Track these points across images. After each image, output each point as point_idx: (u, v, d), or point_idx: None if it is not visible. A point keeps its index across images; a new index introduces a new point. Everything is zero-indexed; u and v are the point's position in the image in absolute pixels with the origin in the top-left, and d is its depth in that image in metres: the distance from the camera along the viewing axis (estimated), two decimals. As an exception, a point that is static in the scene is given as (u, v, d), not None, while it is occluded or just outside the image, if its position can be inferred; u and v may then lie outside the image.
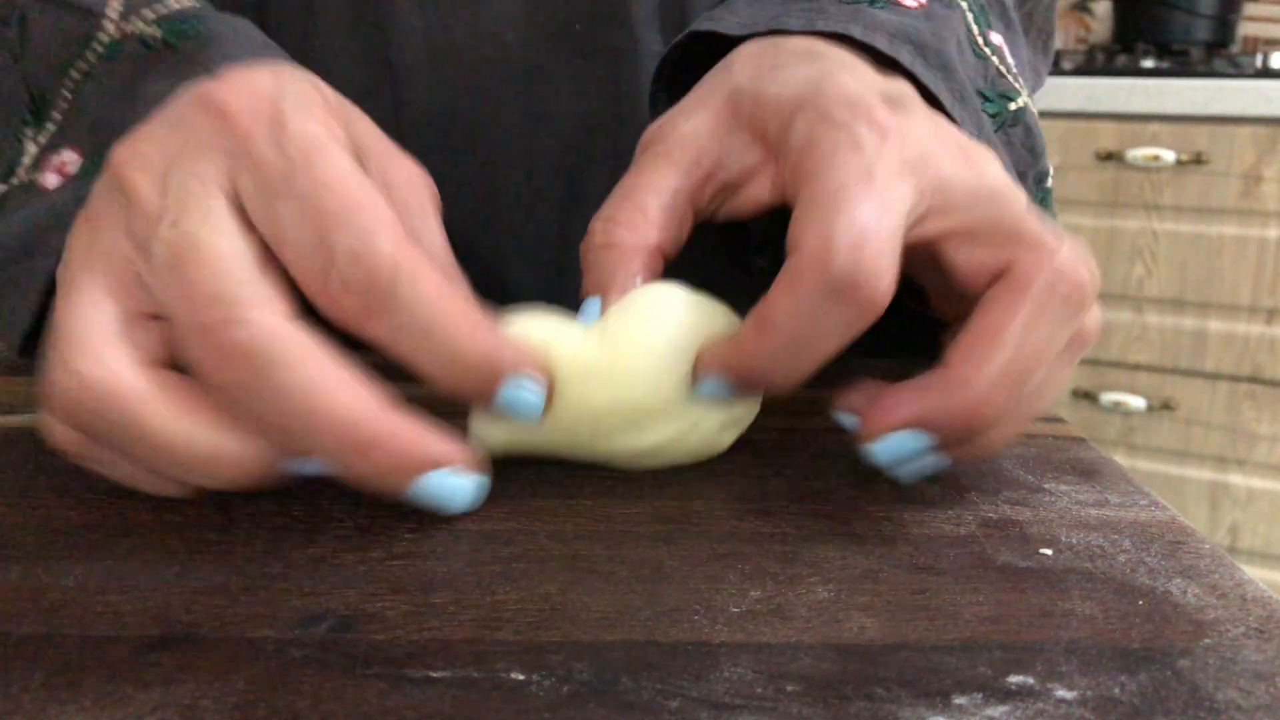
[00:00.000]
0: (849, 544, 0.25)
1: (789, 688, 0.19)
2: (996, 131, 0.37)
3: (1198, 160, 1.46)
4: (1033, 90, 0.50)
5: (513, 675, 0.19)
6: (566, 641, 0.20)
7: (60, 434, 0.25)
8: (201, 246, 0.24)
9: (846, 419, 0.29)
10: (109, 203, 0.25)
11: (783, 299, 0.26)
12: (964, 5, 0.38)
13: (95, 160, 0.34)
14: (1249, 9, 1.76)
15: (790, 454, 0.31)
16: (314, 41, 0.43)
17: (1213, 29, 1.65)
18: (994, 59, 0.38)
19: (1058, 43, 2.00)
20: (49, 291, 0.33)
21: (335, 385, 0.23)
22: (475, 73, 0.43)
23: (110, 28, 0.36)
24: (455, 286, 0.25)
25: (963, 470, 0.30)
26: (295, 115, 0.25)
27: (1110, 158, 1.51)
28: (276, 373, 0.23)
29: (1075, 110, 1.52)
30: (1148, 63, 1.60)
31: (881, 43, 0.33)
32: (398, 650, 0.20)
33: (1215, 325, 1.50)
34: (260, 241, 0.24)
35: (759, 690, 0.19)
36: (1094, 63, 1.65)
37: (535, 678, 0.19)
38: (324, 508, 0.26)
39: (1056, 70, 1.64)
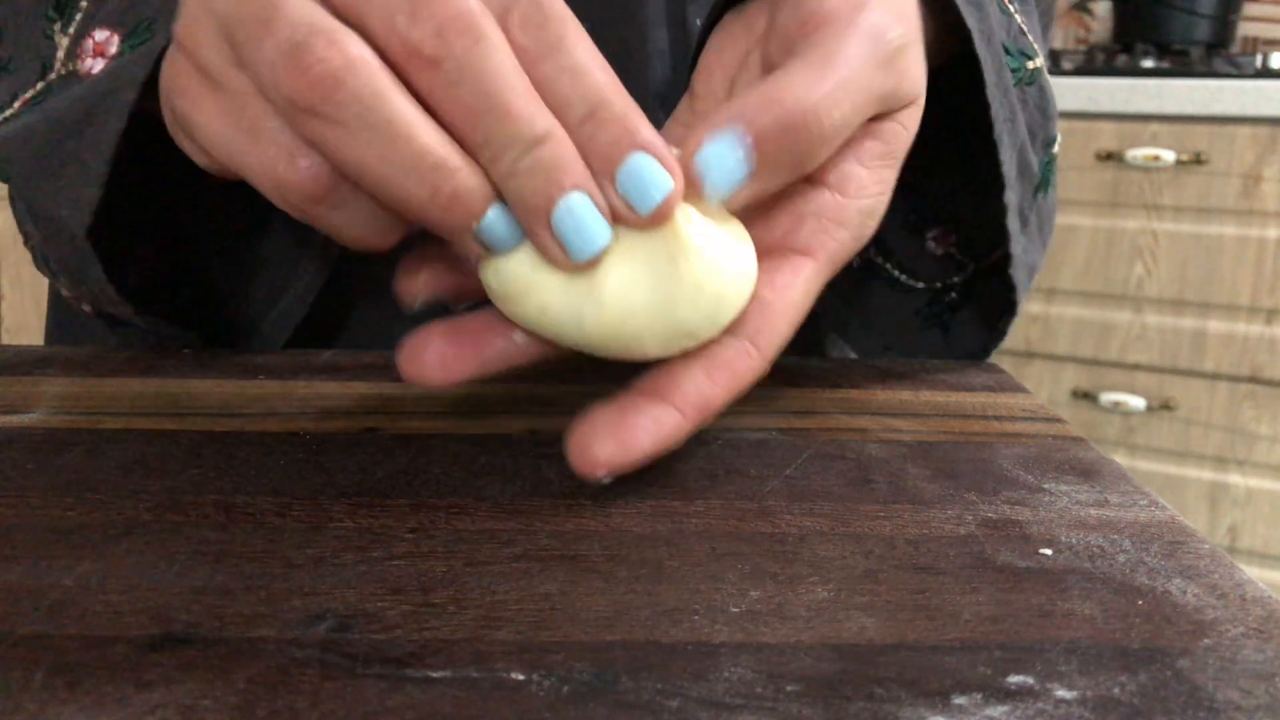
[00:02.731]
0: (849, 544, 0.25)
1: (789, 688, 0.19)
2: (1017, 86, 0.37)
3: (1197, 160, 1.46)
4: None
5: (513, 675, 0.19)
6: (566, 641, 0.20)
7: (300, 169, 0.26)
8: None
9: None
10: None
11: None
12: None
13: (137, 35, 0.34)
14: (1249, 9, 1.76)
15: (790, 454, 0.31)
16: None
17: (1212, 29, 1.65)
18: (1018, 17, 0.39)
19: (1057, 43, 2.01)
20: (118, 162, 0.33)
21: (526, 85, 0.25)
22: None
23: None
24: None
25: (963, 470, 0.30)
26: None
27: (1110, 158, 1.51)
28: (485, 45, 0.24)
29: (1075, 110, 1.52)
30: (1147, 63, 1.61)
31: None
32: (398, 650, 0.20)
33: (1215, 325, 1.50)
34: None
35: (759, 690, 0.19)
36: (1094, 63, 1.65)
37: (535, 678, 0.19)
38: (324, 507, 0.26)
39: (1056, 70, 1.64)
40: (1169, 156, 1.48)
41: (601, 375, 0.38)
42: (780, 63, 0.29)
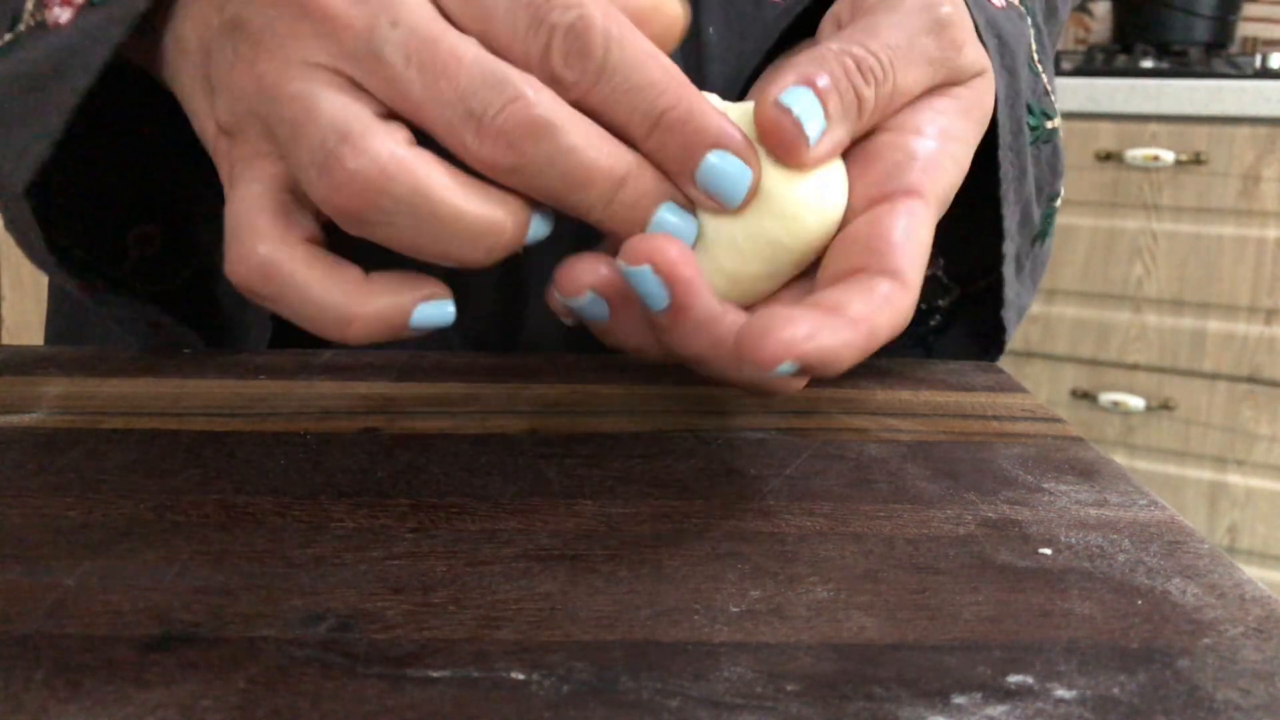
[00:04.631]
0: (849, 544, 0.25)
1: (789, 687, 0.19)
2: (1032, 145, 0.38)
3: (1197, 160, 1.46)
4: None
5: (513, 675, 0.19)
6: (566, 641, 0.20)
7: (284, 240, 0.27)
8: (438, 38, 0.25)
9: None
10: (289, 25, 0.26)
11: (886, 320, 0.27)
12: (1029, 20, 0.39)
13: None
14: (1248, 9, 1.76)
15: (790, 454, 0.31)
16: None
17: (1212, 29, 1.65)
18: (1044, 77, 0.40)
19: (1057, 43, 2.01)
20: (77, 116, 0.32)
21: (601, 139, 0.26)
22: None
23: None
24: (660, 51, 0.26)
25: (963, 470, 0.30)
26: None
27: (1109, 158, 1.51)
28: (559, 138, 0.25)
29: (1075, 110, 1.52)
30: (1147, 63, 1.61)
31: (980, 22, 0.34)
32: (398, 650, 0.20)
33: (1214, 325, 1.50)
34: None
35: (759, 690, 0.19)
36: (1093, 63, 1.65)
37: (535, 677, 0.19)
38: (324, 507, 0.26)
39: (1056, 70, 1.64)
40: (1168, 157, 1.48)
41: (601, 376, 0.38)
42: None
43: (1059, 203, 0.42)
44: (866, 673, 0.20)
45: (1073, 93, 1.52)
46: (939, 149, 0.30)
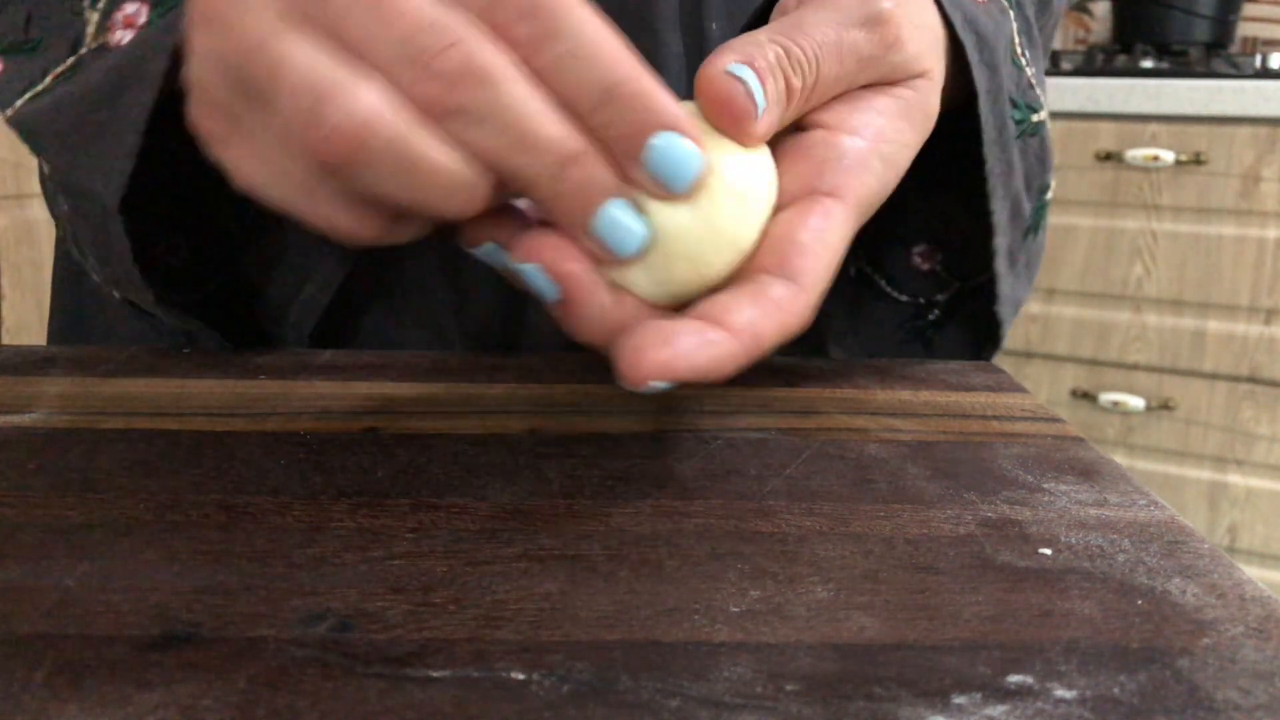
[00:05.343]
0: (849, 544, 0.25)
1: (789, 687, 0.19)
2: (1018, 139, 0.38)
3: (1197, 160, 1.46)
4: None
5: (513, 675, 0.19)
6: (566, 641, 0.20)
7: (359, 219, 0.27)
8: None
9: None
10: None
11: (771, 327, 0.27)
12: (1012, 14, 0.39)
13: (164, 3, 0.34)
14: (1248, 9, 1.76)
15: (790, 454, 0.31)
16: None
17: (1212, 29, 1.65)
18: (1028, 70, 0.40)
19: (1057, 43, 2.01)
20: (150, 132, 0.33)
21: (548, 108, 0.25)
22: None
23: None
24: (612, 29, 0.26)
25: (963, 470, 0.30)
26: None
27: (1109, 158, 1.51)
28: (499, 87, 0.24)
29: (1074, 110, 1.52)
30: (1147, 63, 1.61)
31: (957, 20, 0.34)
32: (398, 650, 0.20)
33: (1214, 325, 1.50)
34: None
35: (759, 690, 0.19)
36: (1093, 63, 1.65)
37: (535, 677, 0.19)
38: (324, 507, 0.26)
39: (1056, 70, 1.64)
40: (1168, 157, 1.48)
41: (601, 376, 0.38)
42: None
43: (1050, 195, 0.42)
44: (866, 673, 0.20)
45: (1073, 93, 1.52)
46: (868, 150, 0.30)
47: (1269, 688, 0.19)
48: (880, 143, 0.30)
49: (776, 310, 0.27)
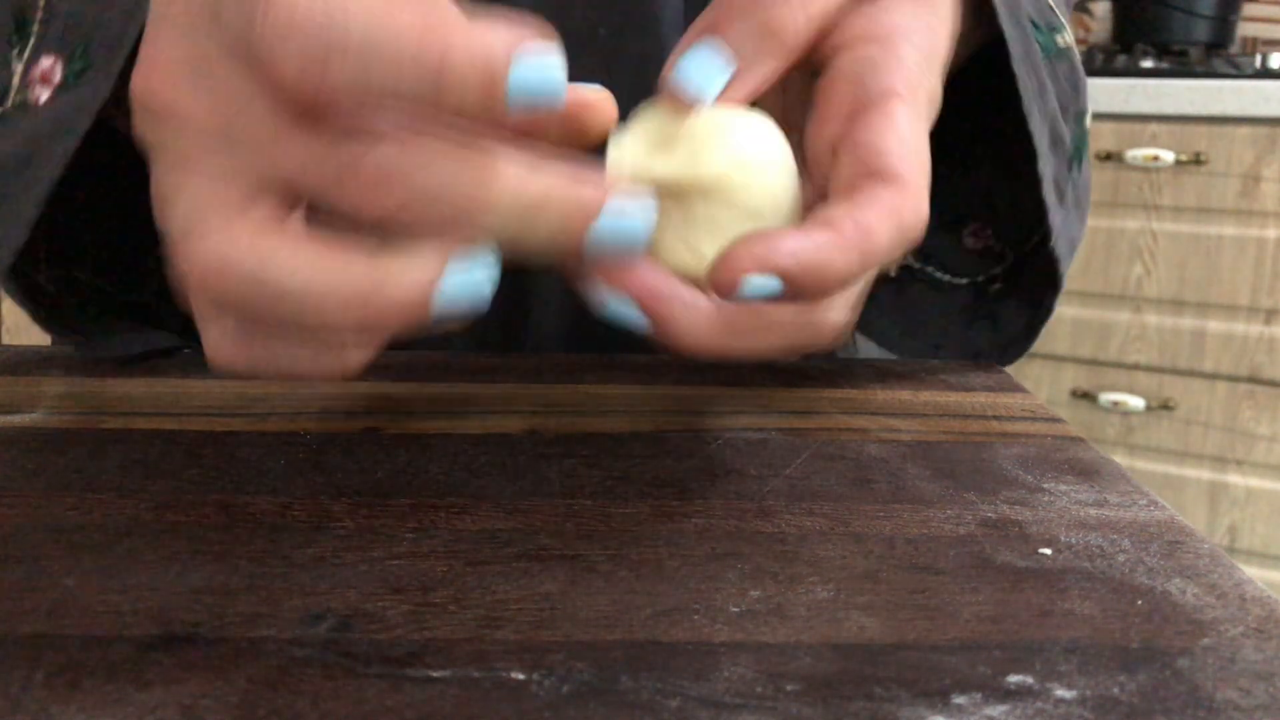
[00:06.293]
0: (849, 544, 0.25)
1: (789, 687, 0.19)
2: (1045, 60, 0.37)
3: (1197, 160, 1.46)
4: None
5: (513, 675, 0.19)
6: (566, 641, 0.20)
7: (225, 346, 0.25)
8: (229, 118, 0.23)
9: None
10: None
11: (884, 223, 0.25)
12: None
13: (76, 61, 0.34)
14: (1248, 9, 1.76)
15: (790, 454, 0.31)
16: None
17: (1212, 29, 1.65)
18: None
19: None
20: (50, 204, 0.33)
21: (486, 155, 0.23)
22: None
23: None
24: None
25: (963, 470, 0.30)
26: None
27: (1110, 158, 1.51)
28: (426, 174, 0.22)
29: (1074, 110, 1.52)
30: (1147, 63, 1.61)
31: None
32: (398, 650, 0.20)
33: (1214, 325, 1.50)
34: None
35: (759, 690, 0.19)
36: (1093, 63, 1.65)
37: (535, 677, 0.19)
38: (324, 507, 0.26)
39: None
40: (1168, 157, 1.48)
41: (601, 376, 0.38)
42: None
43: (1089, 121, 0.40)
44: (866, 673, 0.20)
45: (1073, 93, 1.51)
46: (895, 45, 0.28)
47: (1269, 688, 0.19)
48: (905, 36, 0.28)
49: (886, 208, 0.25)
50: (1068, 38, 0.39)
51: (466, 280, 0.24)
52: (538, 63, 0.23)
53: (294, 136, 0.23)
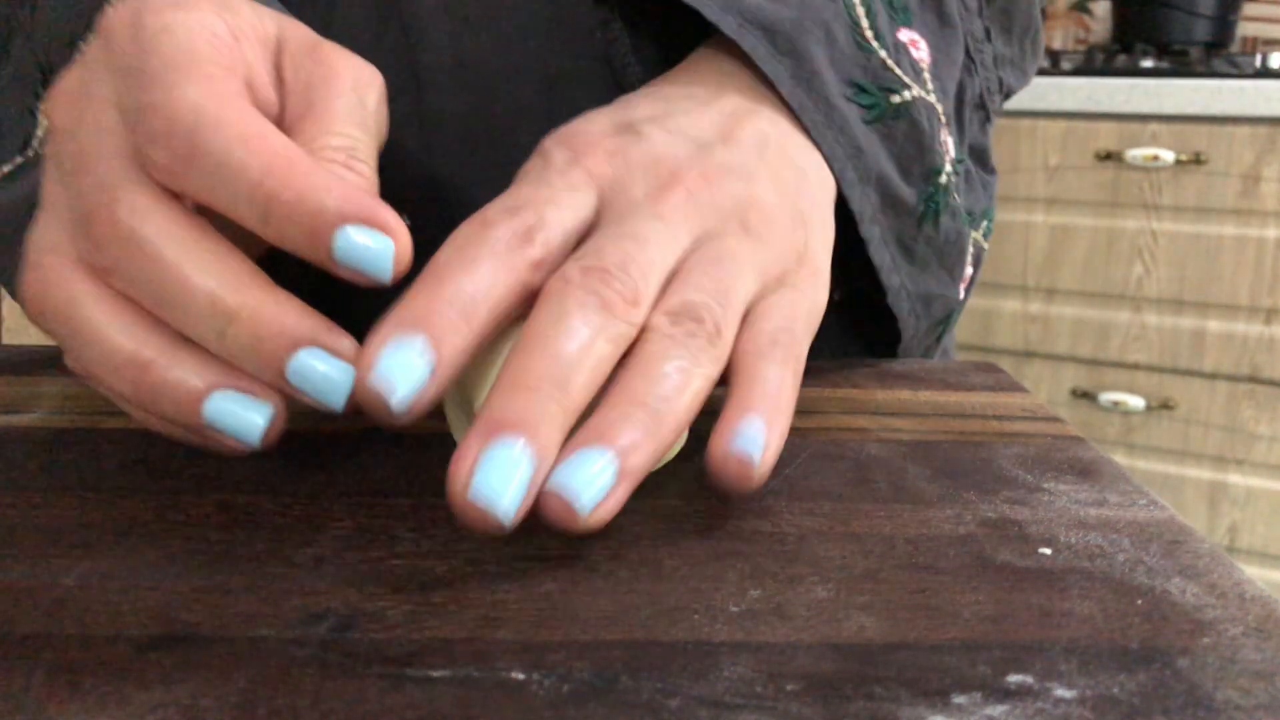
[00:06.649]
0: (849, 544, 0.25)
1: (789, 687, 0.19)
2: (873, 123, 0.37)
3: (1197, 160, 1.46)
4: (1013, 87, 0.50)
5: (513, 675, 0.19)
6: (566, 641, 0.20)
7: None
8: (86, 151, 0.25)
9: None
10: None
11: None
12: (841, 1, 0.38)
13: None
14: (1248, 9, 1.76)
15: (790, 454, 0.31)
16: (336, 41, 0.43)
17: (1212, 29, 1.65)
18: (881, 53, 0.38)
19: (1057, 43, 2.00)
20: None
21: (200, 255, 0.25)
22: (499, 78, 0.42)
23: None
24: (275, 135, 0.24)
25: (963, 470, 0.30)
26: (155, 14, 0.26)
27: (1109, 158, 1.51)
28: (149, 249, 0.24)
29: (1074, 110, 1.52)
30: (1147, 63, 1.61)
31: (729, 26, 0.35)
32: (398, 650, 0.20)
33: (1214, 325, 1.50)
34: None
35: (759, 689, 0.19)
36: (1093, 63, 1.65)
37: (535, 677, 0.19)
38: (324, 507, 0.26)
39: (1056, 70, 1.64)
40: (1168, 156, 1.48)
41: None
42: None
43: (944, 178, 0.40)
44: (866, 673, 0.20)
45: (1073, 93, 1.52)
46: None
47: (1269, 688, 0.19)
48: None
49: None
50: (909, 94, 0.38)
51: (232, 411, 0.26)
52: (360, 238, 0.24)
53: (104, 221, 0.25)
